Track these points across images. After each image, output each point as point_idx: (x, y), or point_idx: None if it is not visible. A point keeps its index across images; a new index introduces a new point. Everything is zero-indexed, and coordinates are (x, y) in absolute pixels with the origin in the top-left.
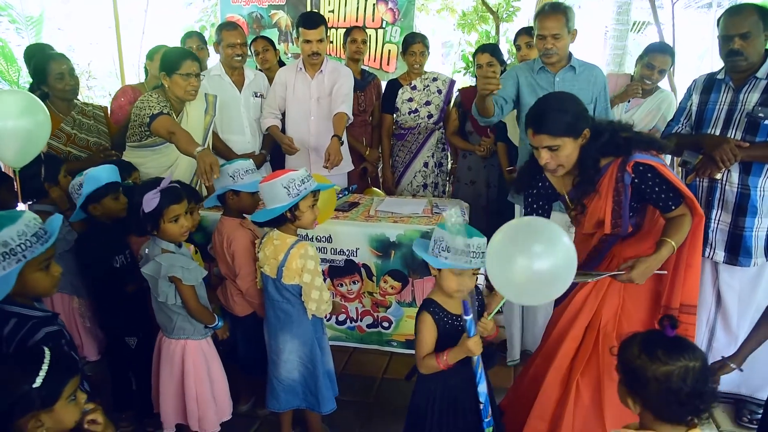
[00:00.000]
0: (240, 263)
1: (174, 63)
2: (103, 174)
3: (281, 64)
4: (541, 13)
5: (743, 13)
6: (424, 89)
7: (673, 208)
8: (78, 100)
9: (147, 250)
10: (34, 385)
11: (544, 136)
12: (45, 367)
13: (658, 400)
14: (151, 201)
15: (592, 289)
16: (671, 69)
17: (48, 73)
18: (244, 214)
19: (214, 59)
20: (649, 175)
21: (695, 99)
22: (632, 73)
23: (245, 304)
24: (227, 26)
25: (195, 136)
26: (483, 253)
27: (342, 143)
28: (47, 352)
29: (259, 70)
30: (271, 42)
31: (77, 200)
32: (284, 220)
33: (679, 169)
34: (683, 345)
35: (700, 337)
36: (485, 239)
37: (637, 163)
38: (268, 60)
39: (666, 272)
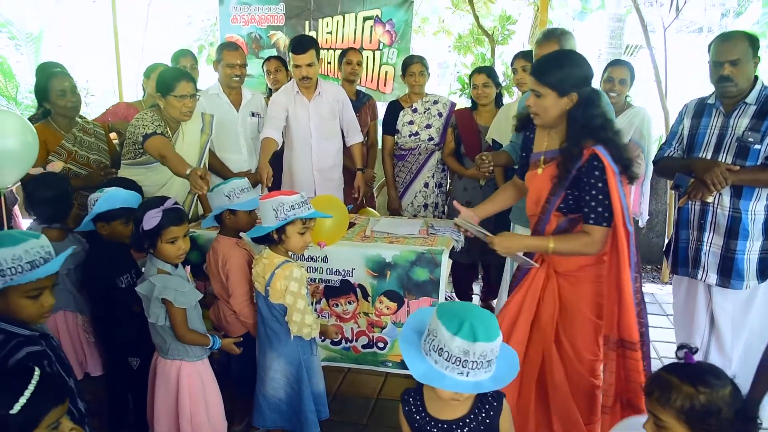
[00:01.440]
0: (234, 283)
1: (169, 84)
2: (122, 196)
3: None
4: (537, 41)
5: (733, 40)
6: (424, 112)
7: (591, 222)
8: (80, 117)
9: (143, 268)
10: (11, 411)
11: (532, 78)
12: (27, 393)
13: (730, 424)
14: (151, 219)
15: (528, 293)
16: (662, 89)
17: (50, 90)
18: (241, 233)
19: (205, 78)
20: (596, 173)
21: (687, 123)
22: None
23: (238, 324)
24: (228, 46)
25: (191, 155)
26: (489, 362)
27: (364, 173)
28: (36, 375)
29: (270, 89)
30: (284, 62)
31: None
32: (274, 240)
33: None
34: (711, 367)
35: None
36: (495, 343)
37: (595, 153)
38: (279, 81)
39: (537, 265)
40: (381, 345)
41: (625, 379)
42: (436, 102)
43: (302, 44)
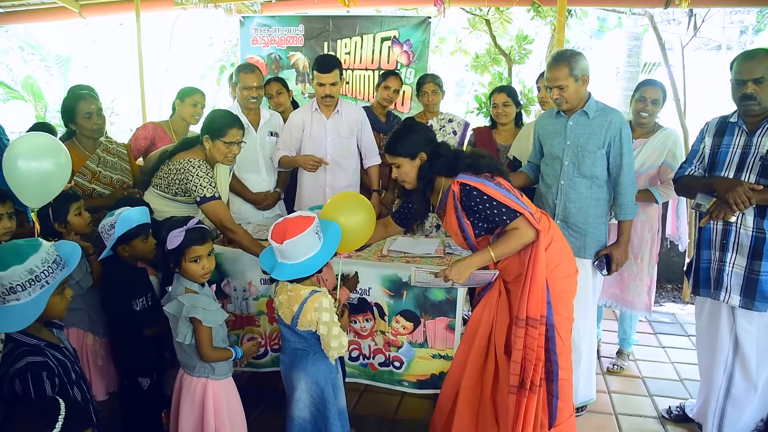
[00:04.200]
0: None
1: (219, 129)
2: (135, 215)
3: (295, 105)
4: (547, 64)
5: (757, 58)
6: (440, 129)
7: (508, 222)
8: (104, 137)
9: (171, 289)
10: None
11: (388, 155)
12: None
13: None
14: (174, 239)
15: (485, 308)
16: (681, 107)
17: (77, 112)
18: None
19: (223, 99)
20: (474, 193)
21: (708, 142)
22: (629, 115)
23: None
24: (245, 68)
25: (222, 186)
26: None
27: (380, 195)
28: (62, 406)
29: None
30: (285, 84)
31: (108, 240)
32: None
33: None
34: None
35: (717, 384)
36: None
37: (462, 183)
38: (282, 103)
39: (496, 272)
40: (397, 364)
41: (524, 357)
42: (451, 120)
43: (328, 63)
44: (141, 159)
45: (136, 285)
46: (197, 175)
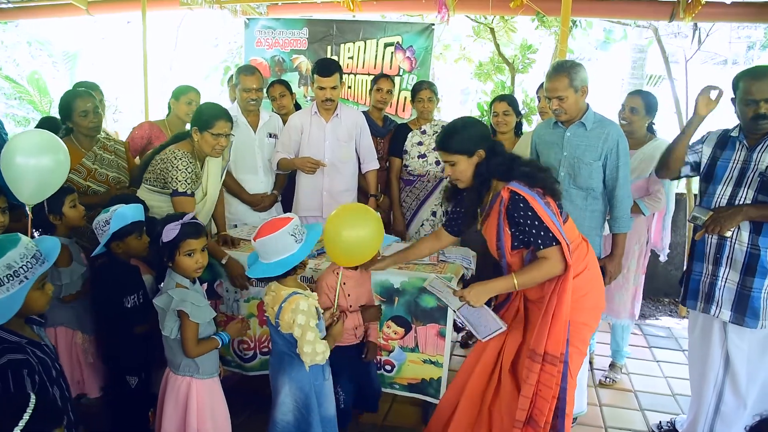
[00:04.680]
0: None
1: (207, 121)
2: (129, 212)
3: (298, 107)
4: (547, 75)
5: (767, 78)
6: (433, 134)
7: (541, 247)
8: (102, 134)
9: (162, 284)
10: None
11: (442, 152)
12: (22, 423)
13: None
14: (170, 231)
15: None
16: (683, 120)
17: (73, 109)
18: None
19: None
20: (521, 205)
21: (705, 150)
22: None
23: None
24: (245, 70)
25: (213, 184)
26: None
27: (377, 199)
28: (31, 402)
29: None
30: (288, 86)
31: (101, 236)
32: (291, 271)
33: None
34: None
35: (707, 400)
36: None
37: (513, 191)
38: (285, 106)
39: (505, 327)
40: (388, 368)
41: (536, 393)
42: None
43: (328, 67)
44: (138, 159)
45: (128, 282)
46: (177, 167)
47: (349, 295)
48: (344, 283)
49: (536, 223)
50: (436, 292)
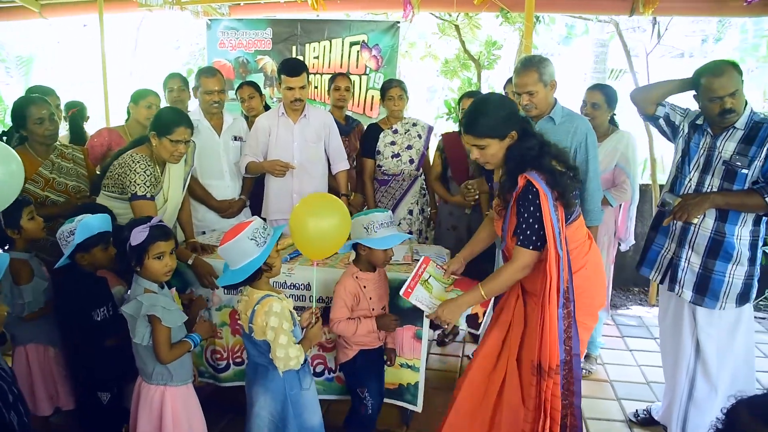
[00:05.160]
0: (333, 303)
1: (166, 127)
2: (96, 223)
3: (267, 108)
4: (516, 70)
5: (727, 74)
6: (405, 133)
7: (518, 243)
8: (58, 142)
9: (129, 292)
10: None
11: (470, 136)
12: None
13: None
14: (138, 234)
15: (503, 310)
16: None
17: (27, 117)
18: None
19: (193, 101)
20: (530, 197)
21: (685, 127)
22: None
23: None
24: (205, 72)
25: (175, 188)
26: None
27: (349, 198)
28: None
29: (245, 116)
30: (257, 88)
31: (66, 248)
32: (258, 275)
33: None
34: None
35: (680, 387)
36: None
37: (528, 180)
38: (254, 108)
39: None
40: None
41: (536, 406)
42: (415, 124)
43: (295, 67)
44: (99, 168)
45: (96, 294)
46: (135, 170)
47: (370, 298)
48: (364, 287)
49: (531, 220)
50: (417, 305)
